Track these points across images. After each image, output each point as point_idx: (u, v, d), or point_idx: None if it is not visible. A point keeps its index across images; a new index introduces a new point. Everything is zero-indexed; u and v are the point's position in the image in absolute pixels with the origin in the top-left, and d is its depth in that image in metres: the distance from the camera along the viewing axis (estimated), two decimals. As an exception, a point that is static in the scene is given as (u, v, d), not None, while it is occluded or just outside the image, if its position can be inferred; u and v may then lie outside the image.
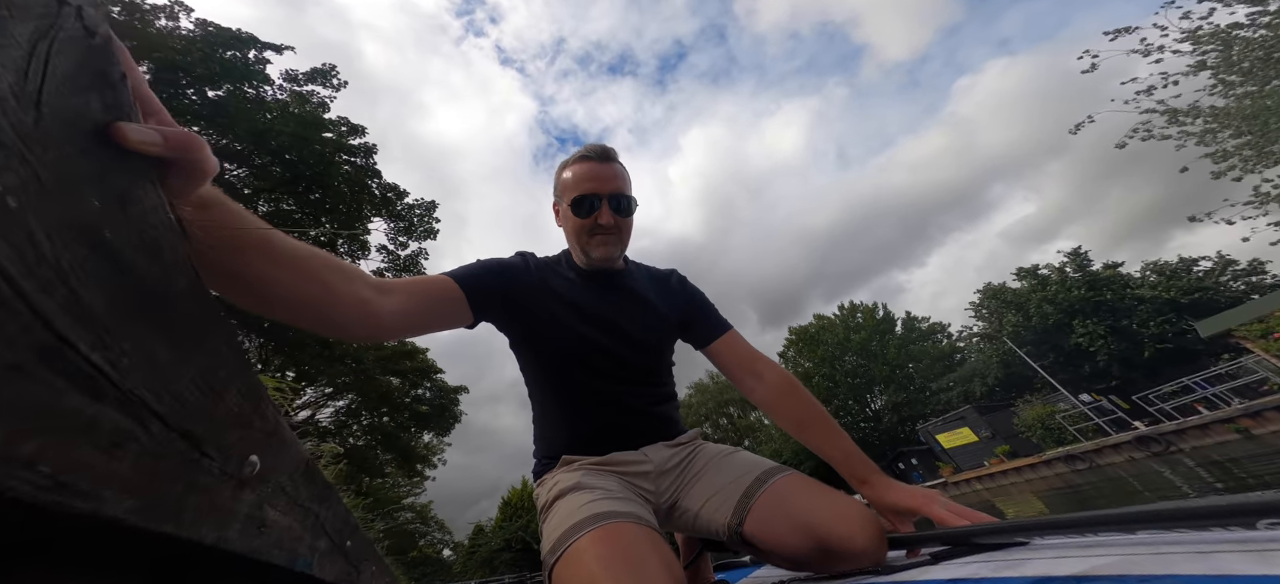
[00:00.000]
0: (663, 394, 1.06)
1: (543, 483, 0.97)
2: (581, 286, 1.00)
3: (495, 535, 35.90)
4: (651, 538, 0.72)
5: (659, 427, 1.01)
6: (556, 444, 0.99)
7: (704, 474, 0.96)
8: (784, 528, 0.81)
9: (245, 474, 0.29)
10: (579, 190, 0.96)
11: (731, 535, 0.86)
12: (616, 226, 0.97)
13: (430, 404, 14.29)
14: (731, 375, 1.08)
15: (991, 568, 0.61)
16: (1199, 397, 13.86)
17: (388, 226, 12.16)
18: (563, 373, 0.97)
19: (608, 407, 0.97)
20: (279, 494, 0.36)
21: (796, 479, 0.89)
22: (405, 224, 12.25)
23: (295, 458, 0.42)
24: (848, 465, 0.93)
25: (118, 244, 0.19)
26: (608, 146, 1.00)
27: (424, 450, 15.33)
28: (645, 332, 1.02)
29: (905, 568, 0.72)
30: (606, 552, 0.68)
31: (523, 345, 1.00)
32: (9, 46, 0.16)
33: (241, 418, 0.30)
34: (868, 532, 0.76)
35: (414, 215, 12.26)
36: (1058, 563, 0.55)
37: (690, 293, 1.13)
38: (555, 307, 0.96)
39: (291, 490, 0.39)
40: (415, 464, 15.12)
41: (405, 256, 12.42)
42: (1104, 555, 0.54)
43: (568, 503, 0.82)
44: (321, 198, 10.83)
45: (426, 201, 12.42)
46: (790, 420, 0.99)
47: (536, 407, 1.05)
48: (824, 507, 0.80)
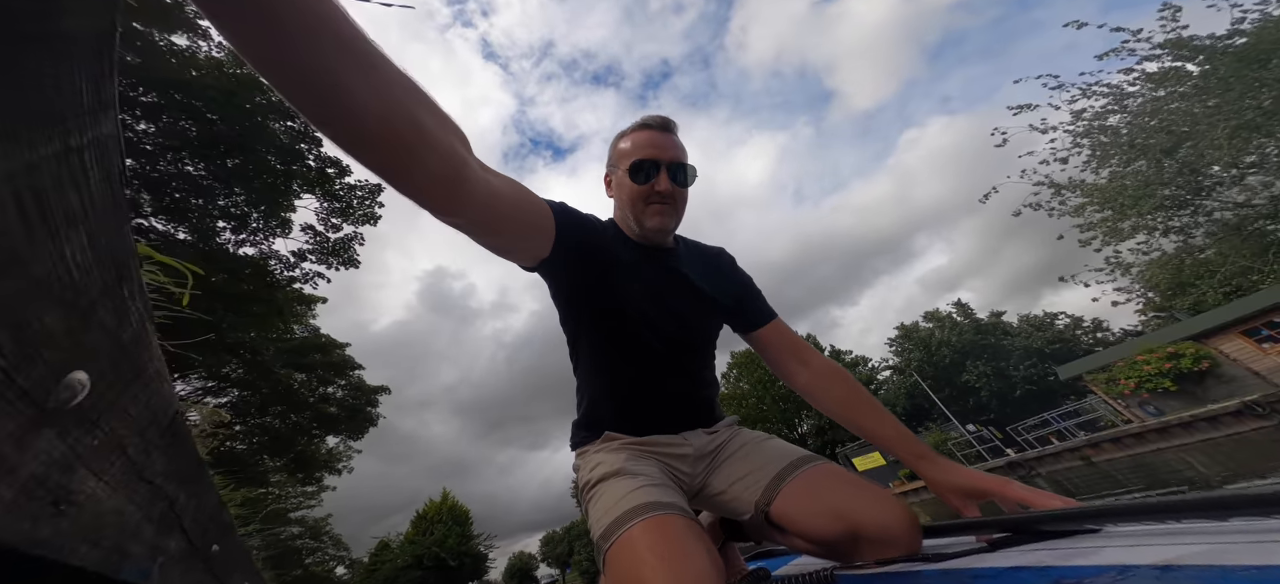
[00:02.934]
0: (705, 379, 1.05)
1: (584, 455, 0.96)
2: (636, 260, 0.95)
3: (403, 551, 32.95)
4: (696, 530, 0.74)
5: (700, 412, 1.01)
6: (600, 417, 0.97)
7: (737, 456, 0.96)
8: (815, 512, 0.81)
9: (52, 401, 0.17)
10: (639, 155, 0.92)
11: (758, 515, 0.86)
12: (673, 196, 0.93)
13: (341, 405, 13.12)
14: (776, 362, 1.07)
15: (1059, 556, 0.56)
16: (1054, 429, 16.56)
17: (320, 206, 11.24)
18: (616, 342, 0.94)
19: (654, 387, 0.96)
20: (111, 453, 0.23)
21: (832, 468, 0.88)
22: (342, 205, 11.38)
23: (156, 404, 0.29)
24: (905, 445, 0.90)
25: None
26: (668, 118, 0.97)
27: (326, 456, 13.93)
28: (696, 314, 0.99)
29: (964, 554, 0.67)
30: (658, 542, 0.70)
31: (582, 302, 0.93)
32: None
33: (78, 302, 0.20)
34: (904, 521, 0.75)
35: (354, 197, 11.43)
36: (1137, 551, 0.50)
37: (740, 277, 1.10)
38: (608, 272, 0.91)
39: (136, 454, 0.26)
40: (313, 472, 13.66)
41: (335, 239, 11.51)
42: (1191, 544, 0.50)
43: (614, 487, 0.83)
44: (243, 163, 9.80)
45: (371, 184, 11.64)
46: (837, 405, 0.98)
47: (582, 372, 1.02)
48: (860, 495, 0.80)
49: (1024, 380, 25.10)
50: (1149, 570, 0.43)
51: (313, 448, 13.25)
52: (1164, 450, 11.03)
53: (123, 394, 0.24)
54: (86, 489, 0.20)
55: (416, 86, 0.44)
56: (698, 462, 0.96)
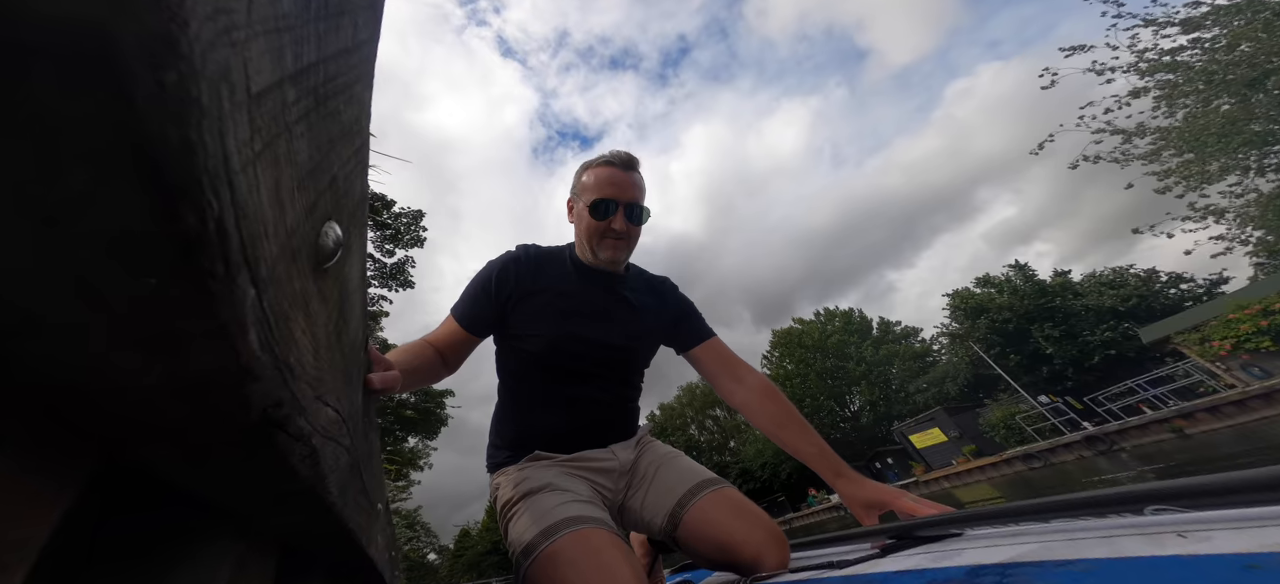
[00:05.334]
0: (634, 393, 1.13)
1: (504, 475, 0.99)
2: (580, 283, 1.05)
3: (482, 539, 35.23)
4: (619, 544, 0.78)
5: (625, 424, 1.09)
6: (526, 438, 1.02)
7: (649, 477, 1.04)
8: (704, 538, 0.91)
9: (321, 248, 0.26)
10: (599, 194, 0.99)
11: (665, 536, 0.96)
12: (627, 234, 1.01)
13: (415, 408, 14.19)
14: (713, 379, 1.15)
15: (932, 559, 0.64)
16: (1142, 398, 15.02)
17: (374, 235, 12.11)
18: (547, 364, 1.01)
19: (585, 403, 1.02)
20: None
21: (722, 497, 0.96)
22: (391, 232, 12.22)
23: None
24: (823, 461, 1.00)
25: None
26: (631, 155, 1.03)
27: (409, 455, 15.21)
28: (633, 333, 1.07)
29: (859, 561, 0.76)
30: (580, 557, 0.73)
31: (509, 339, 1.04)
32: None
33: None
34: (771, 541, 0.88)
35: (401, 224, 12.25)
36: (988, 552, 0.60)
37: (680, 301, 1.19)
38: (548, 299, 1.01)
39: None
40: (402, 468, 15.00)
41: (391, 264, 12.38)
42: (1027, 544, 0.59)
43: (538, 503, 0.86)
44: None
45: (413, 211, 12.41)
46: (768, 421, 1.07)
47: (507, 398, 1.07)
48: (739, 522, 0.91)
49: (1102, 345, 22.98)
50: (995, 568, 0.52)
51: (398, 448, 14.50)
52: (1273, 419, 9.89)
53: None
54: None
55: (429, 366, 0.94)
56: (620, 477, 1.03)
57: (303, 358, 0.24)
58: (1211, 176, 10.09)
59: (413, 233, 12.43)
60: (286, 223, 0.19)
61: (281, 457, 0.24)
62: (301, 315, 0.23)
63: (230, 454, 0.23)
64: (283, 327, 0.20)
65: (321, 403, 0.30)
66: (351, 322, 0.43)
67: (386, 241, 12.20)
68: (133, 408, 0.18)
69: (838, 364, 33.97)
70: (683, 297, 1.21)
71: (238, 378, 0.17)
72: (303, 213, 0.22)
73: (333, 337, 0.34)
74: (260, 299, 0.17)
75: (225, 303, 0.15)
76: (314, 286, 0.26)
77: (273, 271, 0.18)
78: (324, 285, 0.30)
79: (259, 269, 0.16)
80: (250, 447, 0.23)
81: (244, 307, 0.15)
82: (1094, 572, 0.45)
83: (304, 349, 0.24)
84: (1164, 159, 10.20)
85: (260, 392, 0.19)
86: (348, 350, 0.42)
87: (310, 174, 0.22)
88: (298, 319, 0.23)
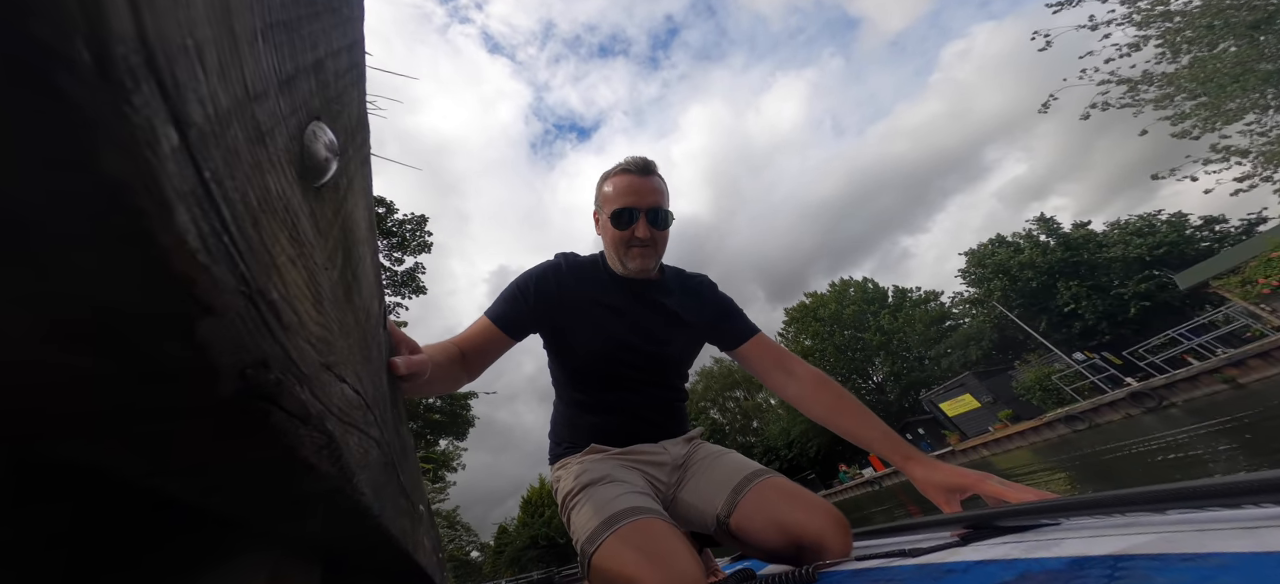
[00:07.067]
0: (680, 394, 1.15)
1: (565, 466, 1.03)
2: (617, 293, 1.05)
3: (520, 534, 36.26)
4: (677, 533, 0.80)
5: (675, 424, 1.11)
6: (584, 430, 1.05)
7: (700, 471, 1.04)
8: (762, 525, 0.90)
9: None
10: (619, 203, 1.00)
11: (719, 527, 0.95)
12: (653, 239, 1.01)
13: (442, 412, 14.46)
14: (763, 375, 1.13)
15: (1023, 549, 0.59)
16: (1187, 348, 14.33)
17: (381, 243, 12.24)
18: (594, 372, 1.04)
19: (633, 405, 1.05)
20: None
21: (776, 484, 0.96)
22: (397, 239, 12.31)
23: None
24: (888, 444, 0.96)
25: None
26: (648, 160, 1.04)
27: (442, 457, 15.56)
28: (673, 339, 1.08)
29: (934, 550, 0.71)
30: (644, 544, 0.76)
31: (556, 347, 1.08)
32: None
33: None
34: (833, 526, 0.85)
35: (406, 231, 12.34)
36: (1093, 542, 0.54)
37: (720, 300, 1.18)
38: (591, 311, 1.03)
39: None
40: (438, 470, 15.40)
41: (402, 271, 12.50)
42: (1141, 534, 0.53)
43: (598, 494, 0.89)
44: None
45: (416, 216, 12.51)
46: (825, 411, 1.05)
47: (562, 398, 1.12)
48: (797, 506, 0.89)
49: (1136, 296, 22.09)
50: (1104, 560, 0.47)
51: (431, 452, 14.85)
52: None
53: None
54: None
55: (451, 370, 0.88)
56: (673, 471, 1.04)
57: (294, 300, 0.17)
58: (1231, 115, 9.71)
59: (418, 238, 12.51)
60: (245, 75, 0.13)
61: (286, 446, 0.17)
62: (285, 235, 0.17)
63: (208, 442, 0.16)
64: (249, 231, 0.13)
65: (333, 374, 0.22)
66: (364, 281, 0.35)
67: (393, 249, 12.30)
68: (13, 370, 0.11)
69: (855, 335, 33.50)
70: (722, 295, 1.20)
71: (178, 298, 0.11)
72: (275, 80, 0.16)
73: (339, 291, 0.27)
74: (192, 155, 0.10)
75: (111, 114, 0.09)
76: (303, 202, 0.19)
77: (219, 129, 0.12)
78: (319, 209, 0.22)
79: (184, 96, 0.10)
80: (233, 429, 0.16)
81: (156, 142, 0.09)
82: (1230, 567, 0.38)
83: (295, 287, 0.17)
84: (1177, 103, 9.88)
85: (226, 336, 0.12)
86: (362, 317, 0.34)
87: (285, 27, 0.16)
88: (277, 236, 0.16)
